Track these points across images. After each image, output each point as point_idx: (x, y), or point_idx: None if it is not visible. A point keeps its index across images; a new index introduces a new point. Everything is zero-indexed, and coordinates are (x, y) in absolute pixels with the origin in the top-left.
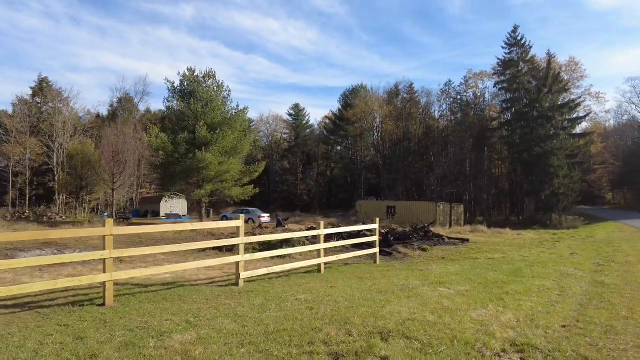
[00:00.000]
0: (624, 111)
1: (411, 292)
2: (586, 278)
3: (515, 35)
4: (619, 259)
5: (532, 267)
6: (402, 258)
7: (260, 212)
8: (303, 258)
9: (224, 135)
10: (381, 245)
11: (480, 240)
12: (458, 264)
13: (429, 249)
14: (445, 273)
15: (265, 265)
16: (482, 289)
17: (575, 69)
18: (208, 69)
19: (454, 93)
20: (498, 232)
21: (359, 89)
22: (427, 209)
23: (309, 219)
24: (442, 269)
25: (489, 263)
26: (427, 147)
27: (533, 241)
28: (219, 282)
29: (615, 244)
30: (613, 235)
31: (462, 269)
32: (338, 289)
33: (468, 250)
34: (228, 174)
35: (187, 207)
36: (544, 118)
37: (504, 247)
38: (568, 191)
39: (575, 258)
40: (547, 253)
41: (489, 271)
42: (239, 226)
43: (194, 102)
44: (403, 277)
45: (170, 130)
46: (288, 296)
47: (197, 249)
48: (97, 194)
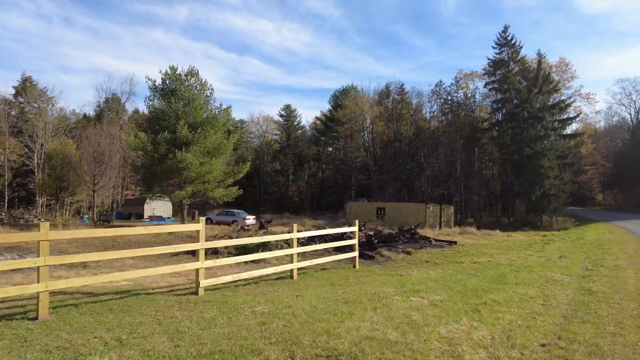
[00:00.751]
0: (614, 112)
1: (380, 302)
2: (573, 284)
3: (505, 35)
4: (608, 262)
5: (517, 272)
6: (384, 262)
7: (246, 214)
8: (279, 262)
9: (206, 135)
10: (364, 248)
11: (468, 243)
12: (440, 269)
13: (413, 252)
14: (424, 279)
15: (241, 270)
16: (459, 298)
17: (565, 70)
18: (191, 67)
19: (444, 94)
20: (487, 233)
21: (350, 89)
22: (416, 210)
23: (296, 221)
24: (423, 274)
25: (473, 268)
26: (418, 148)
27: (522, 243)
28: (179, 290)
29: (604, 246)
30: (603, 237)
31: (443, 275)
32: (303, 299)
33: (454, 253)
34: (210, 175)
35: (171, 209)
36: (535, 118)
37: (491, 249)
38: (558, 192)
39: (563, 262)
40: (535, 256)
41: (471, 277)
42: (199, 229)
43: (175, 101)
44: (378, 284)
45: (150, 129)
46: (245, 308)
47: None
48: (79, 195)
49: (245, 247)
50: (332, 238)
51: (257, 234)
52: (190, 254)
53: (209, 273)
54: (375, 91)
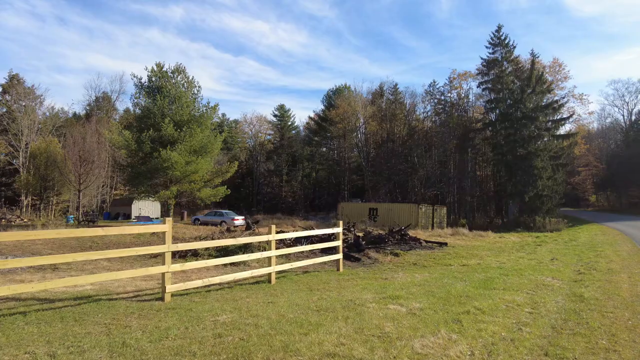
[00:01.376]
0: (607, 114)
1: (354, 310)
2: (564, 290)
3: (499, 34)
4: (601, 265)
5: (506, 276)
6: (370, 264)
7: (234, 215)
8: (260, 265)
9: (192, 134)
10: (352, 250)
11: (459, 244)
12: (427, 272)
13: (401, 254)
14: (407, 284)
15: (218, 273)
16: (440, 305)
17: (558, 70)
18: (178, 64)
19: (437, 94)
20: (479, 235)
21: (343, 89)
22: (408, 211)
23: (287, 222)
24: (408, 278)
25: (461, 271)
26: (411, 149)
27: (514, 245)
28: (146, 295)
29: (597, 248)
30: (596, 239)
31: (428, 279)
32: (274, 306)
33: (443, 256)
34: (196, 175)
35: (160, 209)
36: (528, 119)
37: (482, 251)
38: (552, 193)
39: (554, 264)
40: (526, 258)
41: (458, 281)
42: (165, 231)
43: (160, 99)
44: (358, 289)
45: (136, 128)
46: (208, 316)
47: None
48: (65, 195)
49: (226, 249)
50: (319, 239)
51: (243, 235)
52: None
53: (184, 277)
54: (369, 91)
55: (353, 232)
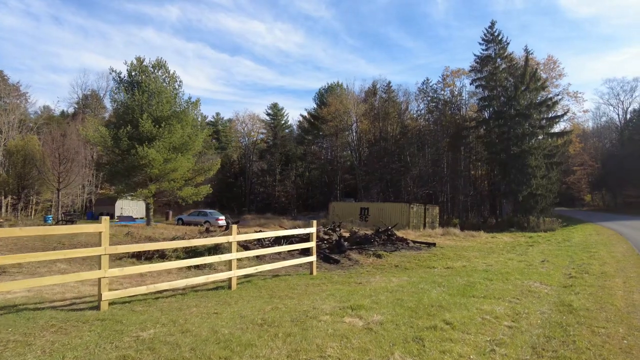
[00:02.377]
0: (602, 113)
1: (303, 325)
2: (551, 297)
3: (492, 31)
4: (594, 268)
5: (490, 281)
6: (349, 266)
7: (219, 215)
8: (228, 268)
9: (172, 130)
10: (334, 251)
11: (448, 245)
12: (406, 275)
13: (384, 256)
14: (379, 289)
15: (179, 277)
16: (405, 318)
17: (553, 68)
18: (159, 59)
19: (431, 92)
20: (471, 235)
21: (335, 86)
22: (400, 210)
23: (274, 222)
24: (383, 282)
25: (443, 274)
26: (404, 147)
27: (505, 245)
28: (84, 303)
29: (591, 249)
30: (590, 239)
31: (405, 283)
32: (217, 318)
33: (429, 257)
34: (176, 173)
35: (144, 208)
36: (521, 116)
37: (471, 252)
38: (546, 192)
39: (545, 267)
40: (515, 260)
41: (435, 287)
42: (101, 231)
43: (139, 94)
44: (322, 297)
45: (114, 124)
46: (133, 331)
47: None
48: (44, 194)
49: (195, 250)
50: (300, 240)
51: (219, 234)
52: (134, 257)
53: (139, 281)
54: (362, 89)
55: (338, 232)
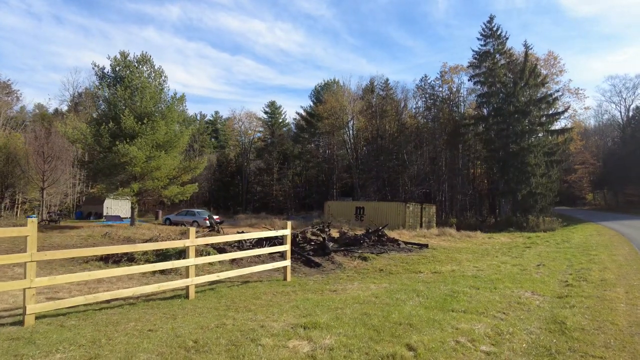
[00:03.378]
0: (604, 110)
1: (237, 350)
2: (543, 311)
3: (490, 25)
4: (593, 275)
5: (477, 290)
6: (330, 270)
7: (207, 214)
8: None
9: (156, 127)
10: (318, 253)
11: (442, 246)
12: (387, 281)
13: (371, 258)
14: (350, 300)
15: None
16: (363, 341)
17: (554, 64)
18: (143, 53)
19: (429, 88)
20: (467, 235)
21: (331, 84)
22: (396, 210)
23: (266, 221)
24: (358, 290)
25: (428, 281)
26: (401, 145)
27: (502, 246)
28: (11, 316)
29: (591, 251)
30: (591, 240)
31: (382, 292)
32: (147, 337)
33: (419, 260)
34: (159, 171)
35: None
36: (521, 113)
37: (465, 254)
38: (546, 191)
39: (540, 272)
40: (509, 264)
41: (413, 297)
42: (27, 235)
43: (121, 89)
44: (283, 310)
45: (95, 121)
46: (37, 356)
47: None
48: (30, 193)
49: (164, 254)
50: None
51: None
52: (102, 260)
53: (92, 288)
54: (359, 86)
55: (327, 232)
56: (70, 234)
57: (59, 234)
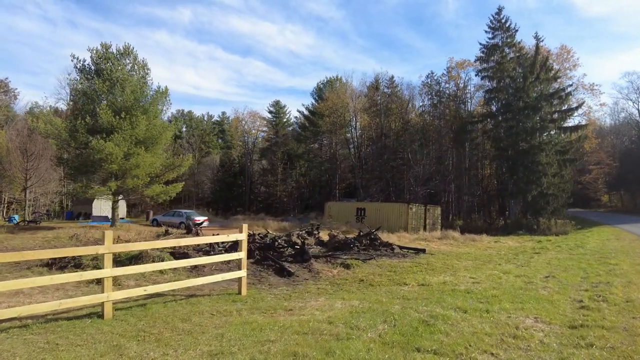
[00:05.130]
0: (620, 108)
1: None
2: (549, 352)
3: (499, 17)
4: (615, 292)
5: (463, 314)
6: (302, 281)
7: (197, 215)
8: (137, 284)
9: (136, 122)
10: (296, 260)
11: (442, 250)
12: (359, 297)
13: (355, 266)
14: (296, 326)
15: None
16: None
17: (567, 58)
18: (126, 45)
19: (435, 85)
20: (472, 239)
21: (334, 81)
22: (398, 211)
23: (262, 222)
24: (317, 310)
25: (408, 297)
26: (406, 144)
27: (508, 252)
28: None
29: (610, 260)
30: (608, 245)
31: (345, 314)
32: None
33: (410, 267)
34: (139, 169)
35: (125, 208)
36: (531, 109)
37: (464, 261)
38: (558, 192)
39: (548, 287)
40: (513, 274)
41: (378, 323)
42: None
43: (99, 81)
44: (197, 341)
45: (72, 116)
46: None
47: None
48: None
49: (117, 260)
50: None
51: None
52: (47, 266)
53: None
54: (363, 83)
55: (315, 235)
56: (38, 235)
57: (26, 235)
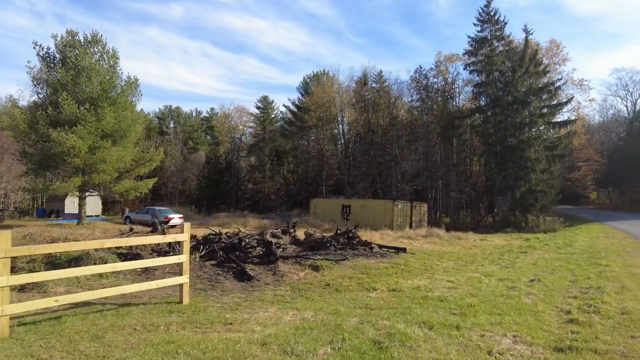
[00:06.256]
0: (609, 105)
1: None
2: None
3: (488, 10)
4: (608, 301)
5: (427, 331)
6: (263, 285)
7: (170, 213)
8: (67, 291)
9: (102, 114)
10: (263, 261)
11: (424, 249)
12: (316, 307)
13: (325, 267)
14: (214, 350)
15: None
16: None
17: (556, 52)
18: (94, 32)
19: (423, 79)
20: (457, 237)
21: (321, 75)
22: (384, 208)
23: (242, 220)
24: (258, 325)
25: (373, 306)
26: (393, 140)
27: (493, 251)
28: None
29: (600, 260)
30: (597, 243)
31: (287, 331)
32: None
33: (385, 269)
34: (105, 164)
35: (100, 205)
36: (520, 103)
37: (446, 261)
38: (547, 188)
39: (533, 293)
40: (495, 277)
41: (321, 346)
42: None
43: (62, 70)
44: None
45: (33, 107)
46: None
47: None
48: None
49: (54, 262)
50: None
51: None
52: None
53: None
54: (351, 78)
55: (291, 234)
56: None
57: None
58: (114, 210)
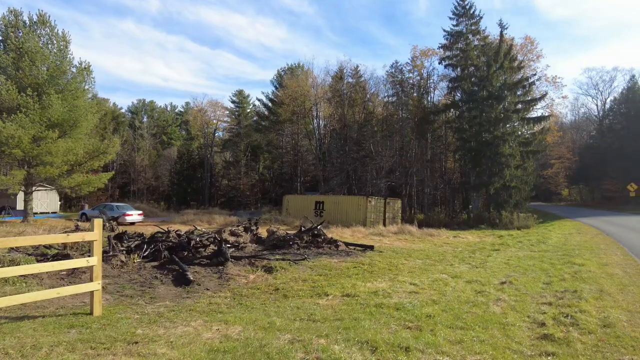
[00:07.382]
0: (580, 104)
1: None
2: None
3: (464, 3)
4: (586, 309)
5: (369, 356)
6: (202, 291)
7: (130, 209)
8: None
9: (48, 101)
10: (211, 262)
11: (394, 247)
12: (246, 320)
13: (279, 269)
14: None
15: None
16: None
17: (530, 49)
18: (41, 13)
19: (398, 74)
20: (429, 234)
21: (296, 68)
22: (357, 204)
23: (204, 217)
24: (168, 347)
25: (317, 318)
26: (368, 136)
27: (465, 248)
28: None
29: (575, 258)
30: (571, 240)
31: (197, 353)
32: None
33: (346, 269)
34: (51, 156)
35: (58, 201)
36: (494, 98)
37: (414, 259)
38: (521, 184)
39: (503, 298)
40: (464, 279)
41: None
42: None
43: (2, 52)
44: None
45: None
46: None
47: None
48: None
49: None
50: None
51: None
52: None
53: None
54: (326, 72)
55: (253, 231)
56: None
57: None
58: (78, 207)
